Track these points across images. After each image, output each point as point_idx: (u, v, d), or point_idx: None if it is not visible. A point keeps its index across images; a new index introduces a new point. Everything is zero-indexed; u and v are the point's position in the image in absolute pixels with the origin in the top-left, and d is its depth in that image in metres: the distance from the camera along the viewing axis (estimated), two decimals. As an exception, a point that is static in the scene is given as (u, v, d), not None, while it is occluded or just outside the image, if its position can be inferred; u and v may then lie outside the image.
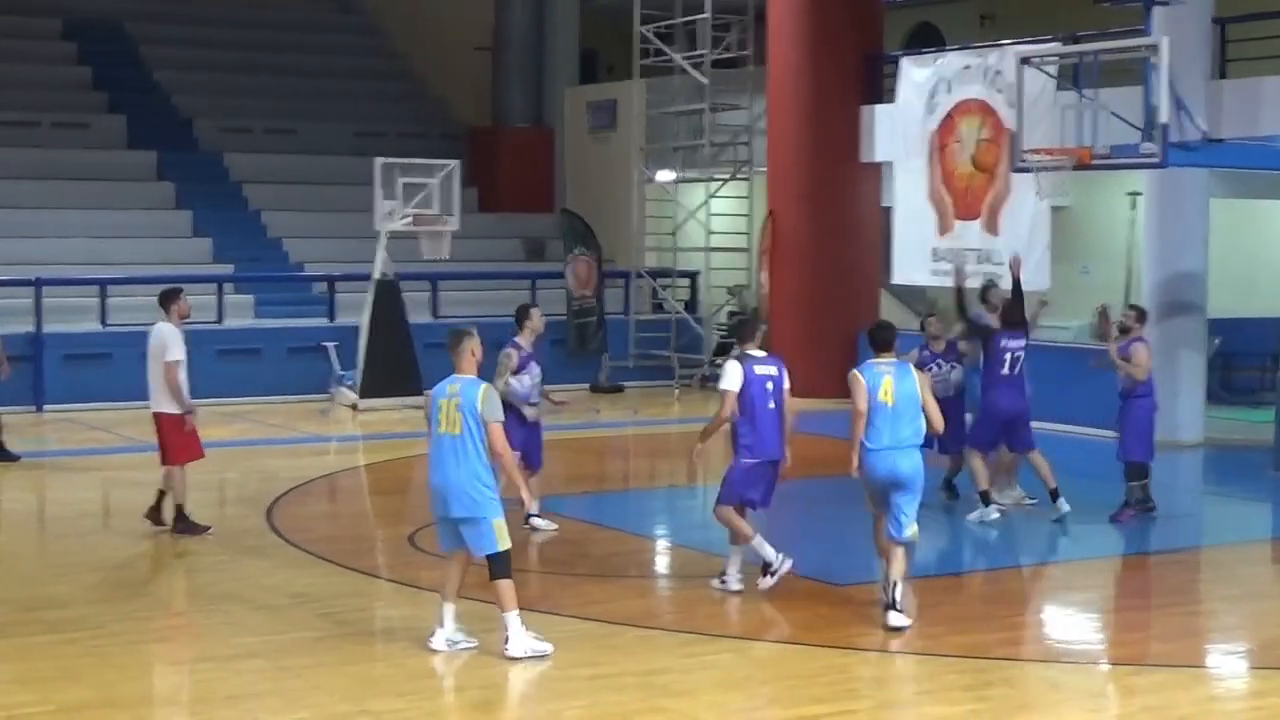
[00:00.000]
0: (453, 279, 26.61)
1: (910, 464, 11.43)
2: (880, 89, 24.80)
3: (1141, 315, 15.52)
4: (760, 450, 12.01)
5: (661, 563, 14.36)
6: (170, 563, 13.59)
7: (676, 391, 26.06)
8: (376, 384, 23.65)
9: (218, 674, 10.17)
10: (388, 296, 24.07)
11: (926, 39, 31.26)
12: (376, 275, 24.01)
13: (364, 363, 23.61)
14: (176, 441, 14.24)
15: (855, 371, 11.62)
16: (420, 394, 23.66)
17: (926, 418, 11.48)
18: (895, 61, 24.19)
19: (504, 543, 10.50)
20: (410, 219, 23.90)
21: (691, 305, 28.89)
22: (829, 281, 24.64)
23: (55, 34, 31.68)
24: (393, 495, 18.07)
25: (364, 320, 24.01)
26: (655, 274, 28.47)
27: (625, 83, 29.47)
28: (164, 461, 14.36)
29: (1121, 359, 15.02)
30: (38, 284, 23.87)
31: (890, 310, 25.76)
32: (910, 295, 26.36)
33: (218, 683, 10.02)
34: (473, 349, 10.85)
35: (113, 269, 25.12)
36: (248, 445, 20.31)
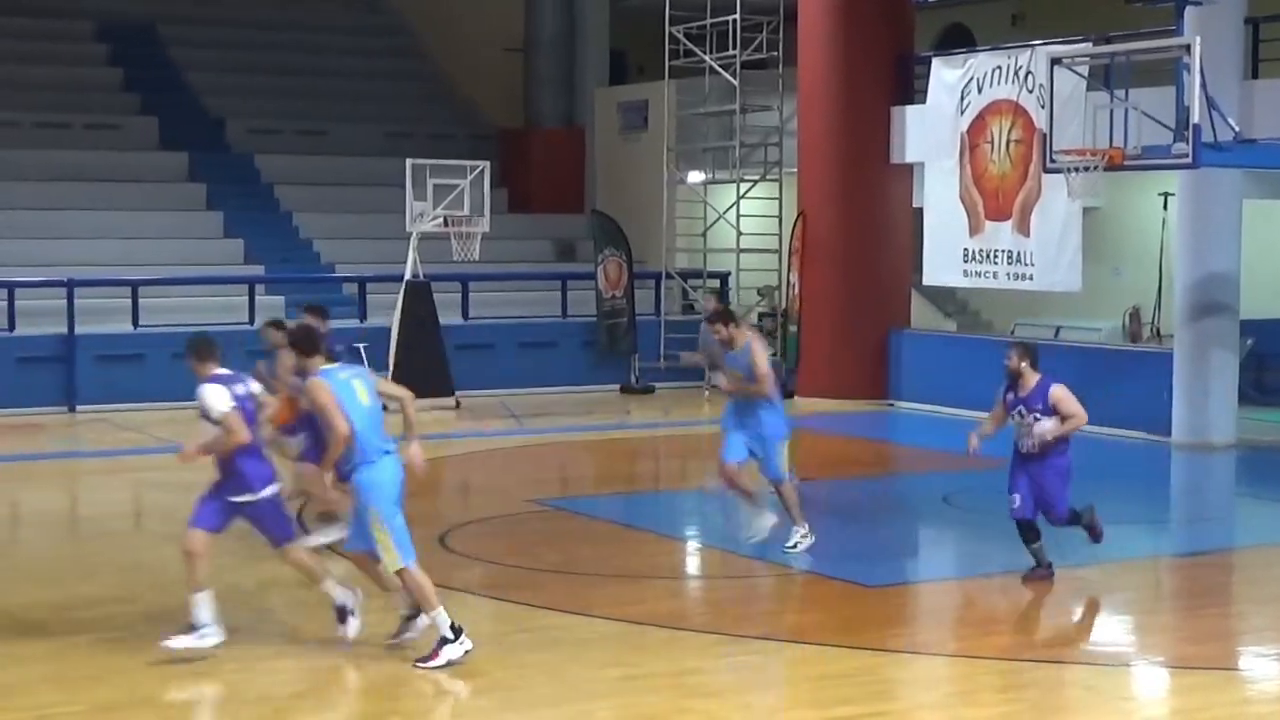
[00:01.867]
0: (483, 280, 26.63)
1: None
2: (911, 90, 24.75)
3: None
4: None
5: (691, 564, 14.34)
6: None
7: (707, 393, 26.01)
8: (408, 385, 23.50)
9: (248, 674, 10.19)
10: (418, 297, 24.10)
11: (957, 39, 31.19)
12: (407, 276, 24.05)
13: (395, 364, 23.64)
14: None
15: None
16: (452, 394, 23.84)
17: None
18: (926, 62, 24.13)
19: None
20: (441, 220, 23.93)
21: (722, 306, 28.82)
22: (860, 282, 24.58)
23: (87, 36, 31.81)
24: (423, 496, 18.02)
25: (395, 321, 24.05)
26: (685, 275, 28.45)
27: (656, 83, 29.44)
28: None
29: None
30: (70, 285, 23.95)
31: (921, 312, 25.76)
32: (941, 296, 26.32)
33: (247, 683, 10.04)
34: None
35: (144, 270, 25.20)
36: (278, 446, 20.34)
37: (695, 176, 28.59)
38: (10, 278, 24.08)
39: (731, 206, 27.87)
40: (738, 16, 26.70)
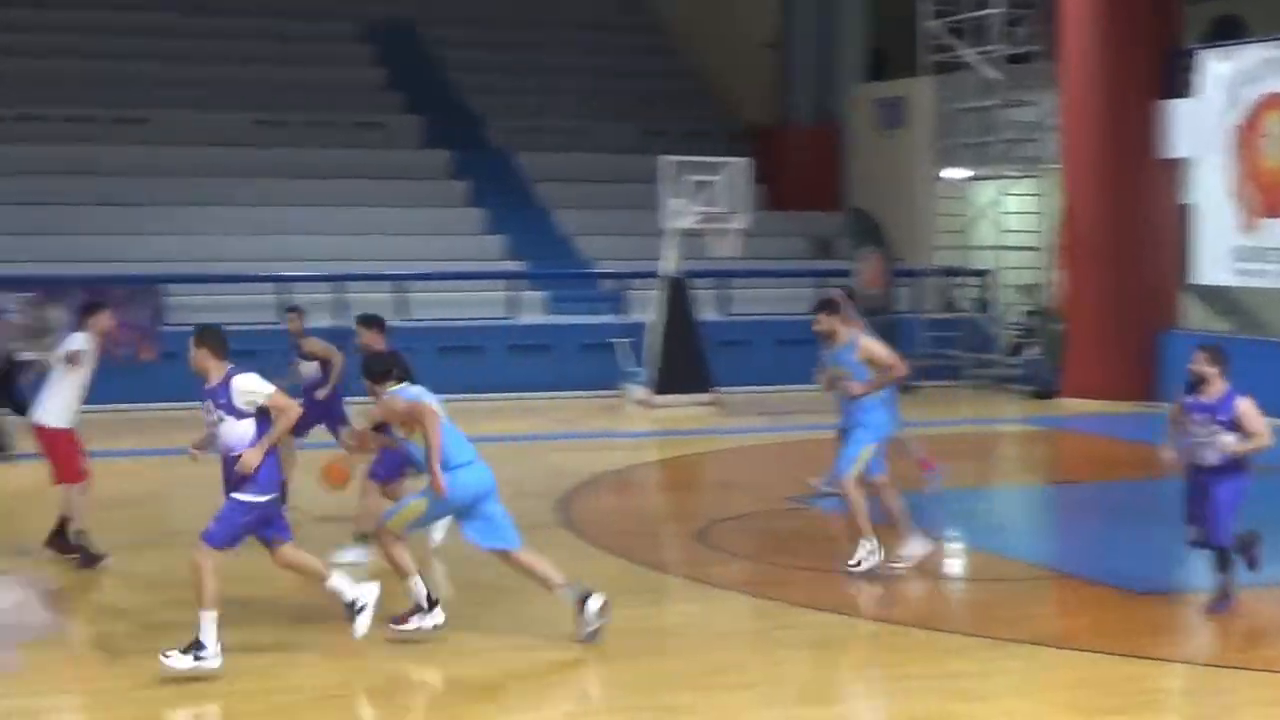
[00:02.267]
0: (741, 277, 26.66)
1: None
2: (1180, 83, 24.12)
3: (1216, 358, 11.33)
4: None
5: (953, 564, 14.15)
6: (464, 553, 13.71)
7: (964, 392, 25.73)
8: (667, 381, 23.81)
9: (516, 662, 10.32)
10: (677, 294, 24.22)
11: (1229, 31, 30.31)
12: (666, 273, 24.18)
13: (655, 360, 23.79)
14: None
15: None
16: (710, 390, 23.89)
17: None
18: (1195, 55, 23.50)
19: None
20: (698, 217, 24.01)
21: (983, 304, 28.47)
22: (1126, 281, 24.04)
23: (352, 37, 32.60)
24: (683, 491, 18.16)
25: (653, 317, 24.20)
26: (946, 272, 28.13)
27: (914, 79, 29.15)
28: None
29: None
30: (337, 280, 24.56)
31: (1191, 312, 25.06)
32: (1212, 296, 25.60)
33: (516, 673, 10.17)
34: None
35: (408, 266, 25.73)
36: (539, 440, 20.63)
37: (956, 173, 28.24)
38: (281, 273, 24.78)
39: (993, 203, 27.47)
40: (999, 10, 26.31)
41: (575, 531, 14.53)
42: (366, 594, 10.28)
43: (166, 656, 9.62)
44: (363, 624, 10.23)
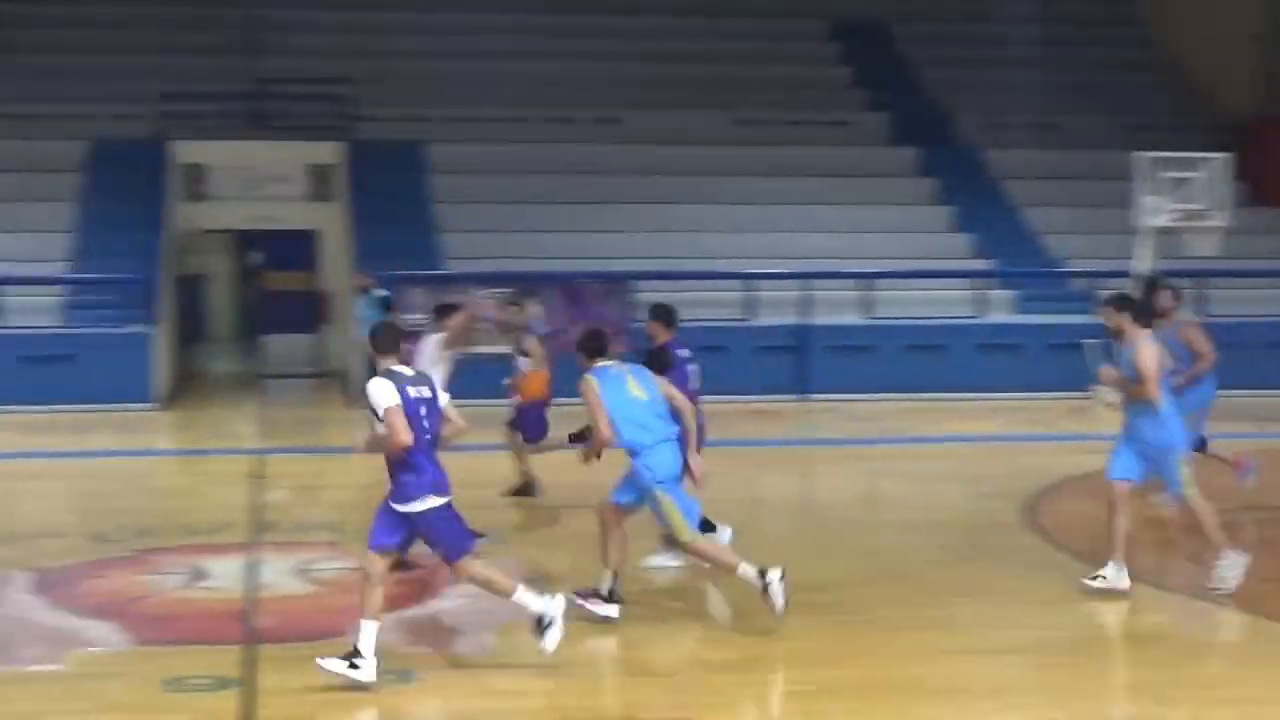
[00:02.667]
0: (1220, 276, 25.61)
1: None
2: None
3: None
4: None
5: None
6: (933, 553, 13.60)
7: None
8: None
9: (979, 666, 10.14)
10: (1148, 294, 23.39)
11: None
12: (1139, 272, 23.42)
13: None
14: None
15: None
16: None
17: None
18: None
19: None
20: (1175, 214, 23.18)
21: None
22: None
23: (821, 36, 32.71)
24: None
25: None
26: None
27: None
28: None
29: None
30: (804, 277, 24.68)
31: None
32: None
33: (978, 675, 9.99)
34: None
35: (874, 263, 25.65)
36: (1007, 440, 20.27)
37: None
38: (750, 270, 25.05)
39: None
40: None
41: (1041, 535, 14.19)
42: (553, 608, 9.65)
43: (323, 659, 9.35)
44: (552, 639, 9.62)
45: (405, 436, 9.22)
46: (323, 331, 30.26)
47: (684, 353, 12.51)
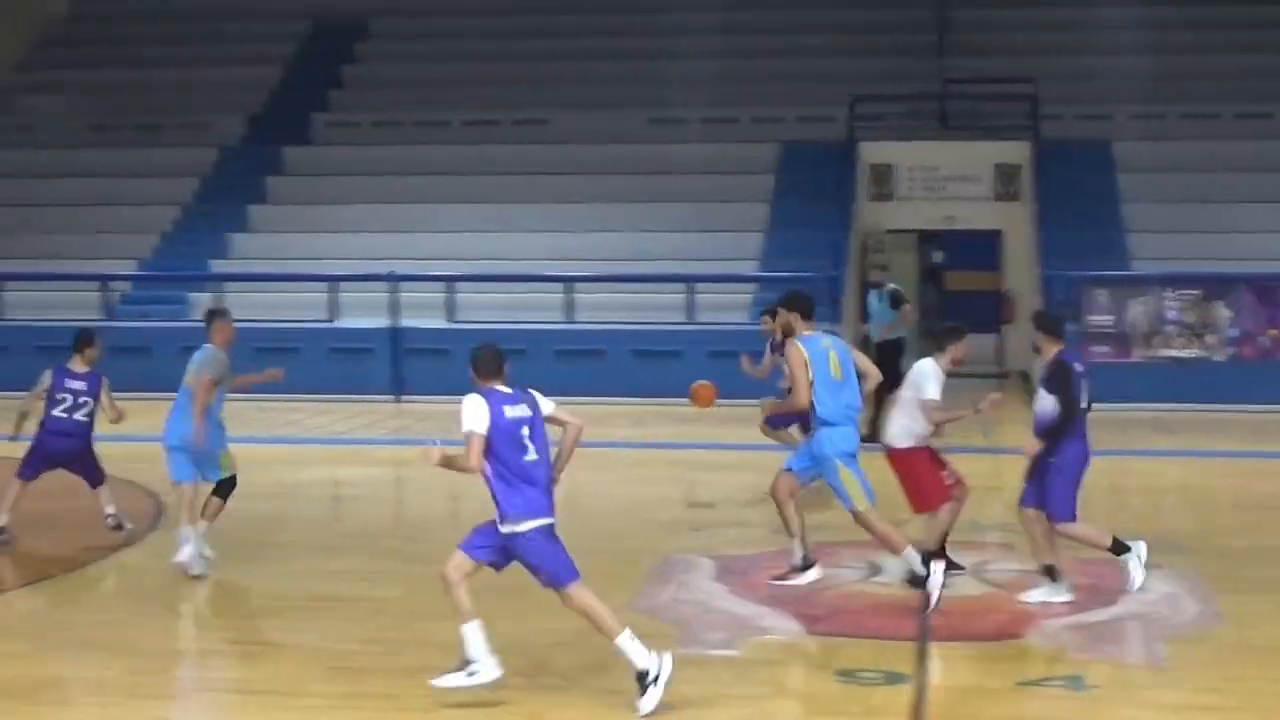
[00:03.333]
0: None
1: None
2: None
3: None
4: None
5: None
6: None
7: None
8: None
9: None
10: None
11: None
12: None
13: None
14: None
15: None
16: None
17: None
18: None
19: None
20: None
21: None
22: None
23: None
24: None
25: None
26: None
27: None
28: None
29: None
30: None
31: None
32: None
33: None
34: None
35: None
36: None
37: None
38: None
39: None
40: None
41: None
42: (661, 666, 8.81)
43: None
44: (650, 701, 8.74)
45: (475, 460, 8.96)
46: (1004, 331, 30.22)
47: None
